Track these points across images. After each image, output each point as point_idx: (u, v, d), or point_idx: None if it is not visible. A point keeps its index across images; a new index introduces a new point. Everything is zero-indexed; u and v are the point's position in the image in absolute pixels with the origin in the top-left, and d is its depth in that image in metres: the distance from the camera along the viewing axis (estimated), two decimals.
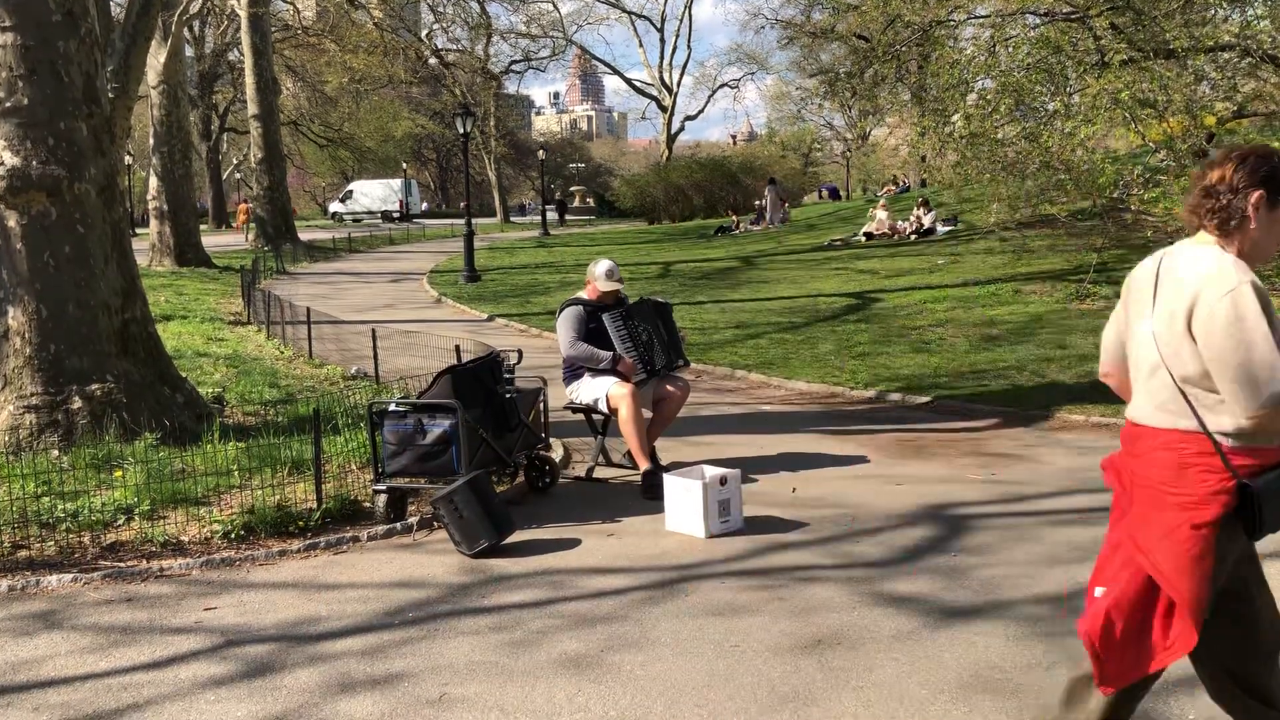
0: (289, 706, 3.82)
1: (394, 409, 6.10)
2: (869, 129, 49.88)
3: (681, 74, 65.13)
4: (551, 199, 56.65)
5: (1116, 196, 14.25)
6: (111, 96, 8.18)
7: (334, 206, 58.75)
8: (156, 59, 22.84)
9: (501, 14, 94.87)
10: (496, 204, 57.26)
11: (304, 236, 34.01)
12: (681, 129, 61.54)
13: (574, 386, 7.04)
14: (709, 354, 11.87)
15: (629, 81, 63.25)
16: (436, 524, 5.83)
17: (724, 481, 5.70)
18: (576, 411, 7.14)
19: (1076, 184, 14.08)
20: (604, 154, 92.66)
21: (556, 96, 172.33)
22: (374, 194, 56.55)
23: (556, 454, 7.28)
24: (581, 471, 7.11)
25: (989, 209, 16.82)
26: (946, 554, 5.29)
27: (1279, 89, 15.05)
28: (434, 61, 52.03)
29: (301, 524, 5.88)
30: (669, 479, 5.84)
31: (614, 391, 6.74)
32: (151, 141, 24.81)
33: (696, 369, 10.67)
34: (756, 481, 6.72)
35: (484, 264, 24.58)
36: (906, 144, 22.69)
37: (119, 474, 6.46)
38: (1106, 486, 2.96)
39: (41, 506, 5.90)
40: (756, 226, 32.30)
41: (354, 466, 6.93)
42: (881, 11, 17.11)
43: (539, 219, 44.11)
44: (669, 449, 7.31)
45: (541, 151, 50.76)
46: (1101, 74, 13.00)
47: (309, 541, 5.67)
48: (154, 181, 24.97)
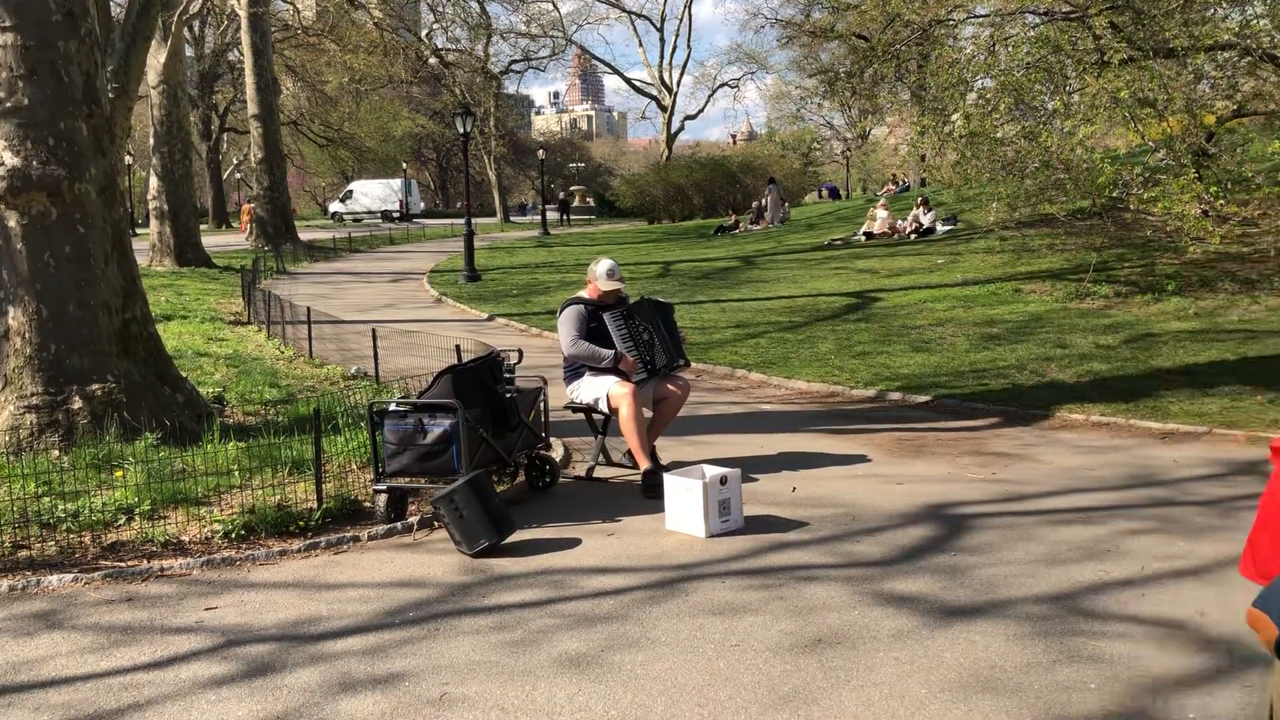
0: (290, 706, 3.82)
1: (394, 409, 6.10)
2: (869, 128, 49.95)
3: (681, 73, 65.28)
4: (553, 198, 56.67)
5: (1116, 196, 14.26)
6: (111, 96, 8.18)
7: (334, 206, 58.74)
8: (156, 59, 22.85)
9: (501, 14, 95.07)
10: (496, 204, 57.27)
11: (304, 236, 34.02)
12: (681, 128, 61.59)
13: (574, 386, 7.04)
14: (709, 353, 11.87)
15: (629, 81, 63.32)
16: (437, 524, 5.83)
17: (724, 481, 5.70)
18: (577, 411, 7.15)
19: (1076, 183, 14.09)
20: (604, 153, 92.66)
21: (556, 96, 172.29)
22: (374, 194, 56.55)
23: (557, 453, 7.28)
24: (582, 471, 7.11)
25: (988, 208, 16.83)
26: (946, 553, 5.29)
27: (1279, 88, 15.04)
28: (434, 61, 52.00)
29: (302, 524, 5.88)
30: (669, 478, 5.84)
31: (615, 391, 6.74)
32: (152, 141, 24.81)
33: (696, 368, 10.67)
34: (757, 481, 6.73)
35: (484, 264, 24.59)
36: (906, 143, 22.69)
37: (119, 474, 6.47)
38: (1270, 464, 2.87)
39: (42, 506, 5.90)
40: (756, 226, 32.30)
41: (354, 466, 6.93)
42: (881, 11, 17.09)
43: (539, 218, 44.11)
44: (669, 448, 7.31)
45: (541, 151, 50.73)
46: (1101, 73, 13.00)
47: (309, 541, 5.68)
48: (154, 181, 24.97)
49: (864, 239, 24.20)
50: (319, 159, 58.46)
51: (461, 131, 23.56)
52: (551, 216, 47.69)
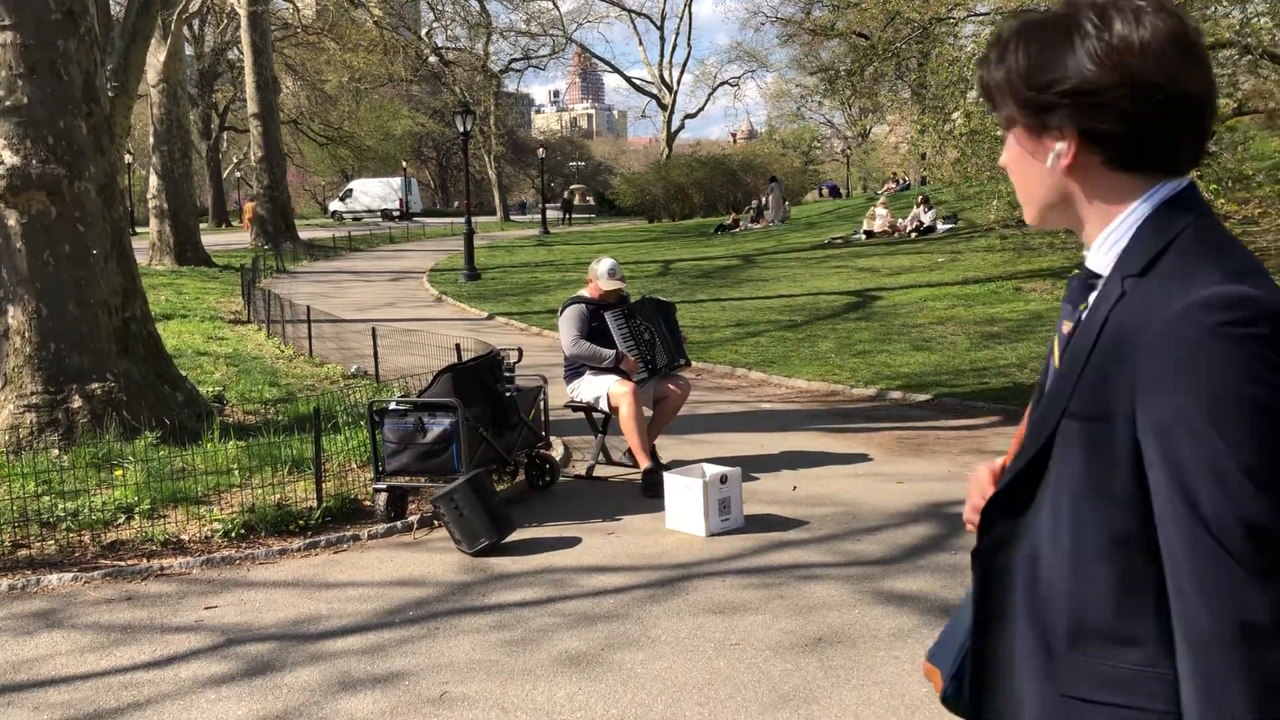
0: (289, 705, 3.81)
1: (394, 407, 6.10)
2: (869, 127, 49.82)
3: (681, 72, 65.27)
4: (555, 197, 56.60)
5: None
6: (111, 95, 8.18)
7: (334, 205, 58.73)
8: (156, 57, 22.84)
9: (501, 12, 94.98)
10: (496, 202, 57.26)
11: (304, 235, 33.99)
12: (681, 127, 61.55)
13: (575, 385, 7.04)
14: (709, 352, 11.86)
15: (629, 80, 63.20)
16: (437, 522, 5.83)
17: (724, 480, 5.69)
18: (577, 410, 7.14)
19: None
20: (604, 152, 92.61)
21: (556, 95, 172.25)
22: (374, 192, 56.55)
23: (557, 452, 7.28)
24: (582, 470, 7.11)
25: (989, 206, 16.81)
26: (947, 552, 5.29)
27: (1279, 86, 15.03)
28: (434, 60, 51.95)
29: (302, 523, 5.88)
30: (669, 477, 5.84)
31: (615, 390, 6.73)
32: (151, 140, 24.79)
33: (697, 367, 10.66)
34: (757, 479, 6.72)
35: (484, 262, 24.58)
36: (906, 142, 22.69)
37: (119, 473, 6.46)
38: None
39: (42, 505, 5.90)
40: (757, 225, 32.30)
41: (354, 465, 6.93)
42: (881, 9, 17.07)
43: (539, 217, 44.11)
44: (669, 447, 7.31)
45: (541, 150, 50.70)
46: None
47: (309, 540, 5.67)
48: (154, 180, 24.96)
49: (864, 237, 24.19)
50: (319, 158, 58.45)
51: (461, 130, 23.55)
52: (554, 215, 47.69)
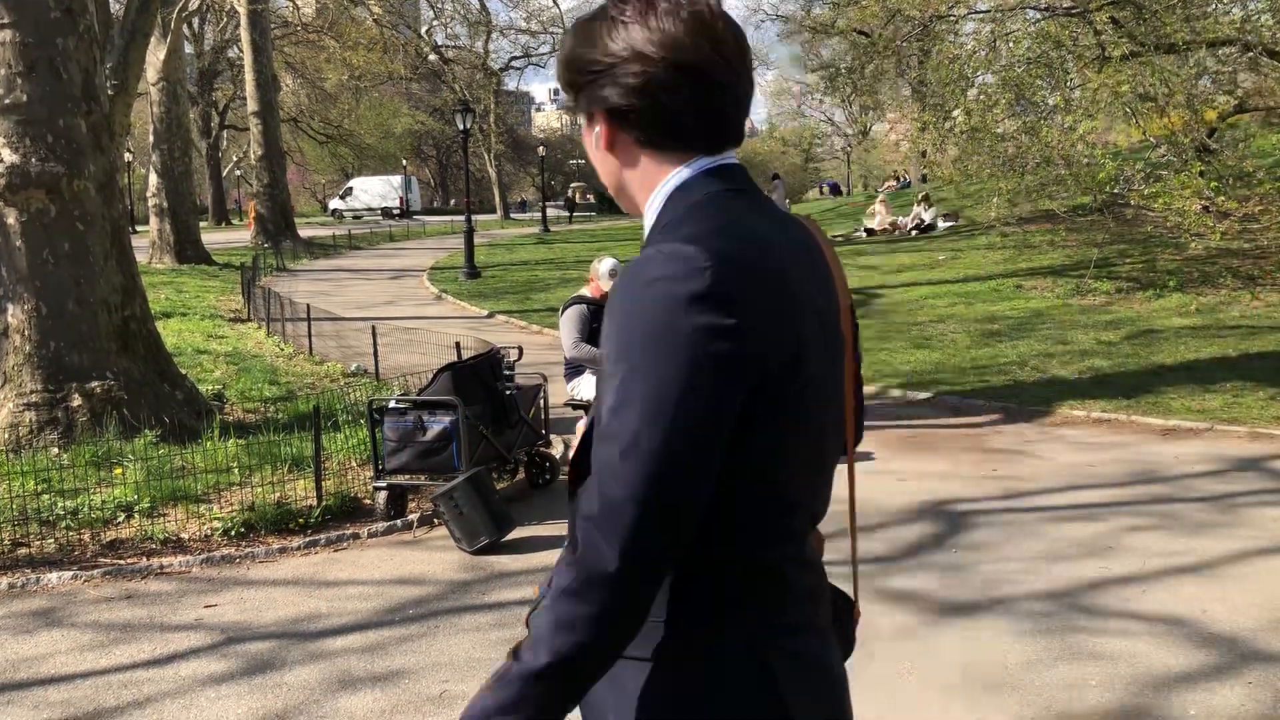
0: (289, 703, 3.81)
1: (394, 406, 6.09)
2: (869, 124, 49.90)
3: None
4: (557, 195, 56.53)
5: (1117, 192, 14.23)
6: (111, 93, 8.17)
7: (334, 203, 58.71)
8: (156, 56, 22.82)
9: (501, 10, 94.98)
10: (496, 200, 57.23)
11: (304, 233, 33.97)
12: None
13: (575, 383, 7.04)
14: None
15: None
16: (437, 521, 5.82)
17: None
18: (578, 408, 7.13)
19: (1077, 179, 14.07)
20: None
21: (556, 93, 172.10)
22: (374, 191, 56.54)
23: (557, 450, 7.27)
24: None
25: (990, 204, 16.81)
26: (947, 550, 5.28)
27: None
28: (433, 58, 51.94)
29: (301, 521, 5.88)
30: None
31: None
32: (151, 139, 24.77)
33: None
34: None
35: (484, 260, 24.56)
36: (907, 139, 22.67)
37: (119, 471, 6.46)
38: None
39: (41, 504, 5.89)
40: None
41: (354, 463, 6.93)
42: (882, 6, 17.07)
43: (539, 215, 44.08)
44: None
45: (542, 148, 50.69)
46: (1102, 68, 12.98)
47: (309, 539, 5.67)
48: (154, 179, 24.95)
49: (865, 235, 24.17)
50: (319, 156, 58.43)
51: (461, 128, 23.53)
52: (557, 213, 47.64)
